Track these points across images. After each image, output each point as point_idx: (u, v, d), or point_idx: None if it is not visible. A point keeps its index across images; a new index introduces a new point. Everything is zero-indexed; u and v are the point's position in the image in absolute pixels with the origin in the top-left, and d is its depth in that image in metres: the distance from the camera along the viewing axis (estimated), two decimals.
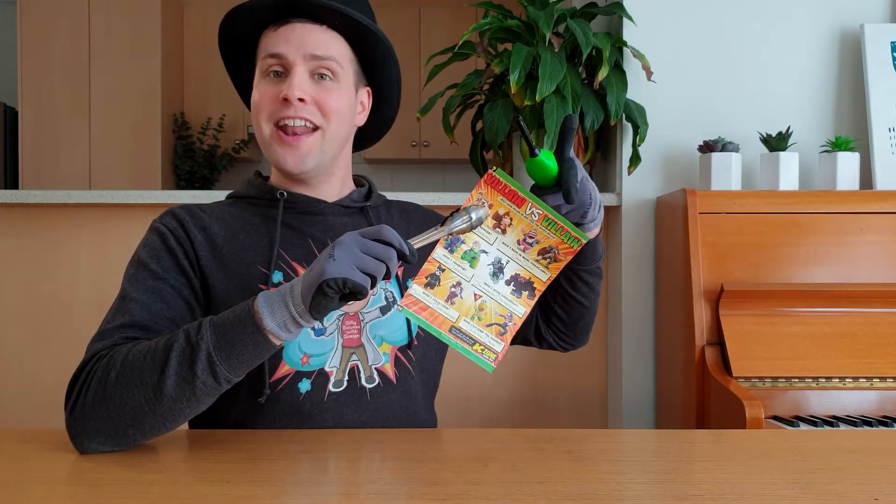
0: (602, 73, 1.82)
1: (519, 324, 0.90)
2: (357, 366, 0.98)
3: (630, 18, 1.91)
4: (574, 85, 1.86)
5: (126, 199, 1.94)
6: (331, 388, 0.96)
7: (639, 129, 1.87)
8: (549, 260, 0.90)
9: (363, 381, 0.98)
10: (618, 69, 1.91)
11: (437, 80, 2.09)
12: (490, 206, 0.88)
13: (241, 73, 1.08)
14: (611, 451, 0.88)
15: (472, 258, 0.88)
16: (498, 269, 0.89)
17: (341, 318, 0.98)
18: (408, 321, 1.02)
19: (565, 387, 2.06)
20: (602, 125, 1.92)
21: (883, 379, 1.50)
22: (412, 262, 0.80)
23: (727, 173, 1.78)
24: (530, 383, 2.04)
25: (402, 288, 1.04)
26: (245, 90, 1.10)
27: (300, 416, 0.95)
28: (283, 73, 0.97)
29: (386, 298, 1.02)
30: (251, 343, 0.80)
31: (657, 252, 1.93)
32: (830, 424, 1.37)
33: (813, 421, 1.39)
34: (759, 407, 1.34)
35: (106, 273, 2.02)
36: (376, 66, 1.06)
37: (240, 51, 1.04)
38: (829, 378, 1.50)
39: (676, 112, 1.94)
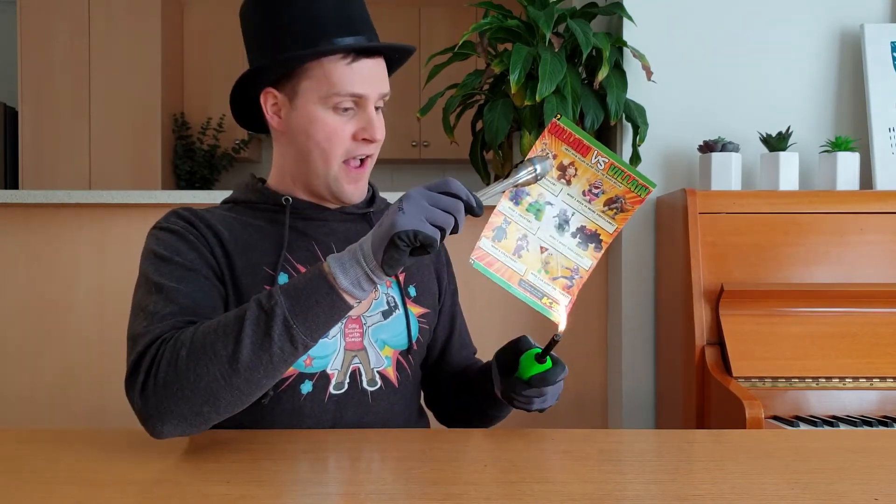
0: (602, 73, 1.82)
1: (586, 276, 0.89)
2: (359, 368, 0.98)
3: (630, 18, 1.91)
4: (574, 85, 1.86)
5: (126, 199, 1.94)
6: (331, 390, 0.96)
7: (639, 129, 1.87)
8: (615, 210, 0.88)
9: (365, 384, 0.98)
10: (618, 69, 1.91)
11: (437, 80, 2.09)
12: (554, 157, 0.87)
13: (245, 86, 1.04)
14: (611, 451, 0.88)
15: (537, 210, 0.87)
16: (563, 221, 0.88)
17: (343, 321, 0.98)
18: (408, 326, 1.02)
19: (565, 387, 2.04)
20: (602, 125, 1.92)
21: (883, 379, 1.49)
22: (479, 215, 0.80)
23: (727, 173, 1.78)
24: None
25: (403, 292, 1.04)
26: (239, 100, 1.05)
27: (300, 417, 0.95)
28: (351, 108, 0.97)
29: (388, 303, 1.02)
30: (327, 304, 0.79)
31: (657, 252, 1.93)
32: (830, 424, 1.36)
33: (813, 421, 1.39)
34: (759, 407, 1.34)
35: (106, 273, 2.02)
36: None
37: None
38: (829, 378, 1.50)
39: (676, 112, 1.94)
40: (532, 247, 0.87)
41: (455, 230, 0.78)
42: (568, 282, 0.88)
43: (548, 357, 0.90)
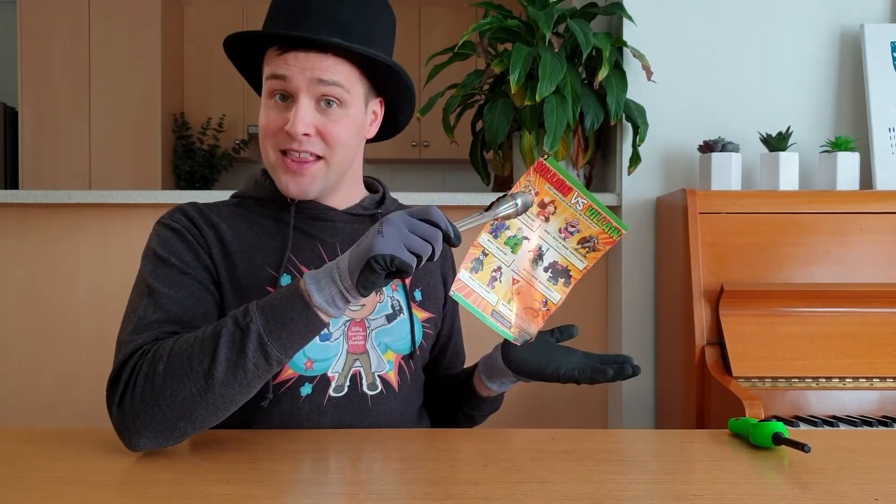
0: (602, 73, 1.82)
1: (553, 309, 0.92)
2: (360, 372, 0.97)
3: (630, 18, 1.91)
4: (574, 85, 1.86)
5: (126, 199, 1.94)
6: (331, 392, 0.96)
7: (639, 129, 1.87)
8: (587, 249, 0.92)
9: (365, 388, 0.97)
10: (618, 69, 1.91)
11: (437, 80, 2.09)
12: (536, 194, 0.89)
13: (250, 68, 1.06)
14: (611, 451, 0.88)
15: (514, 244, 0.90)
16: (538, 256, 0.91)
17: (347, 324, 0.98)
18: (412, 330, 1.02)
19: (565, 386, 2.05)
20: (602, 125, 1.92)
21: (883, 379, 1.49)
22: (456, 245, 0.81)
23: (727, 173, 1.78)
24: (530, 383, 2.04)
25: (409, 297, 1.04)
26: (255, 81, 1.08)
27: (299, 419, 0.95)
28: (288, 97, 0.95)
29: (392, 307, 1.02)
30: (301, 321, 0.79)
31: (657, 252, 1.93)
32: (830, 424, 1.36)
33: (813, 421, 1.39)
34: (759, 407, 1.34)
35: (106, 273, 2.02)
36: (388, 82, 1.04)
37: (246, 52, 1.03)
38: (829, 378, 1.50)
39: (676, 112, 1.94)
40: (505, 278, 0.90)
41: (431, 258, 0.79)
42: (535, 312, 0.92)
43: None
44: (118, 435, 0.82)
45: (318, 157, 0.96)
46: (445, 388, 1.13)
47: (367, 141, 1.12)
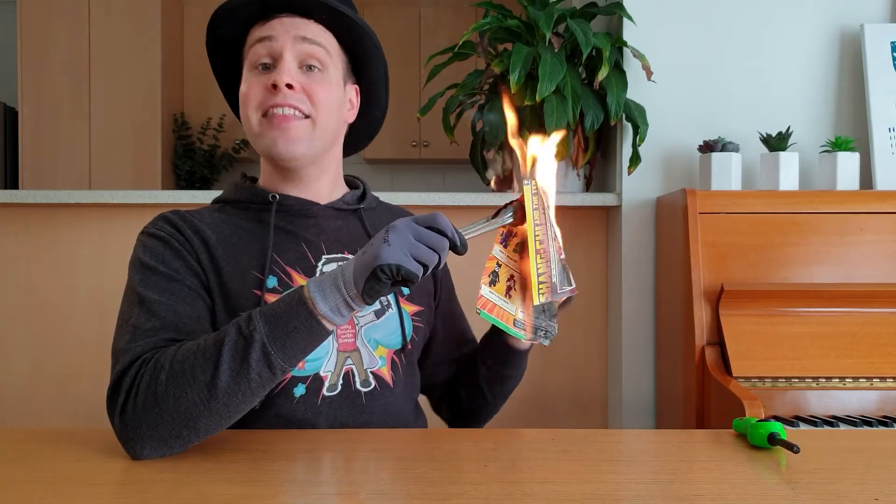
0: (602, 73, 1.82)
1: (558, 304, 0.92)
2: (352, 370, 0.97)
3: (630, 18, 1.91)
4: (574, 85, 1.86)
5: (126, 199, 1.94)
6: (325, 392, 0.95)
7: (639, 129, 1.87)
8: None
9: (358, 385, 0.97)
10: (618, 69, 1.91)
11: (437, 80, 2.09)
12: (545, 206, 0.89)
13: (228, 80, 1.09)
14: (611, 451, 0.88)
15: (522, 249, 0.89)
16: (547, 259, 0.90)
17: None
18: (402, 324, 1.02)
19: (565, 387, 2.05)
20: (602, 125, 1.92)
21: (883, 379, 1.49)
22: (462, 254, 0.80)
23: (727, 173, 1.78)
24: (530, 383, 2.04)
25: (397, 291, 1.04)
26: (231, 95, 1.09)
27: (294, 420, 0.95)
28: (271, 65, 0.97)
29: (380, 302, 1.02)
30: (305, 330, 0.79)
31: (657, 252, 1.93)
32: (830, 424, 1.36)
33: (813, 421, 1.39)
34: (759, 407, 1.34)
35: (106, 273, 2.02)
36: (364, 64, 1.06)
37: (228, 56, 1.04)
38: (829, 378, 1.50)
39: (676, 112, 1.94)
40: (518, 286, 0.88)
41: (437, 267, 0.78)
42: (552, 310, 0.92)
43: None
44: (121, 444, 0.82)
45: (305, 116, 0.97)
46: (472, 365, 1.11)
47: (354, 149, 1.14)
